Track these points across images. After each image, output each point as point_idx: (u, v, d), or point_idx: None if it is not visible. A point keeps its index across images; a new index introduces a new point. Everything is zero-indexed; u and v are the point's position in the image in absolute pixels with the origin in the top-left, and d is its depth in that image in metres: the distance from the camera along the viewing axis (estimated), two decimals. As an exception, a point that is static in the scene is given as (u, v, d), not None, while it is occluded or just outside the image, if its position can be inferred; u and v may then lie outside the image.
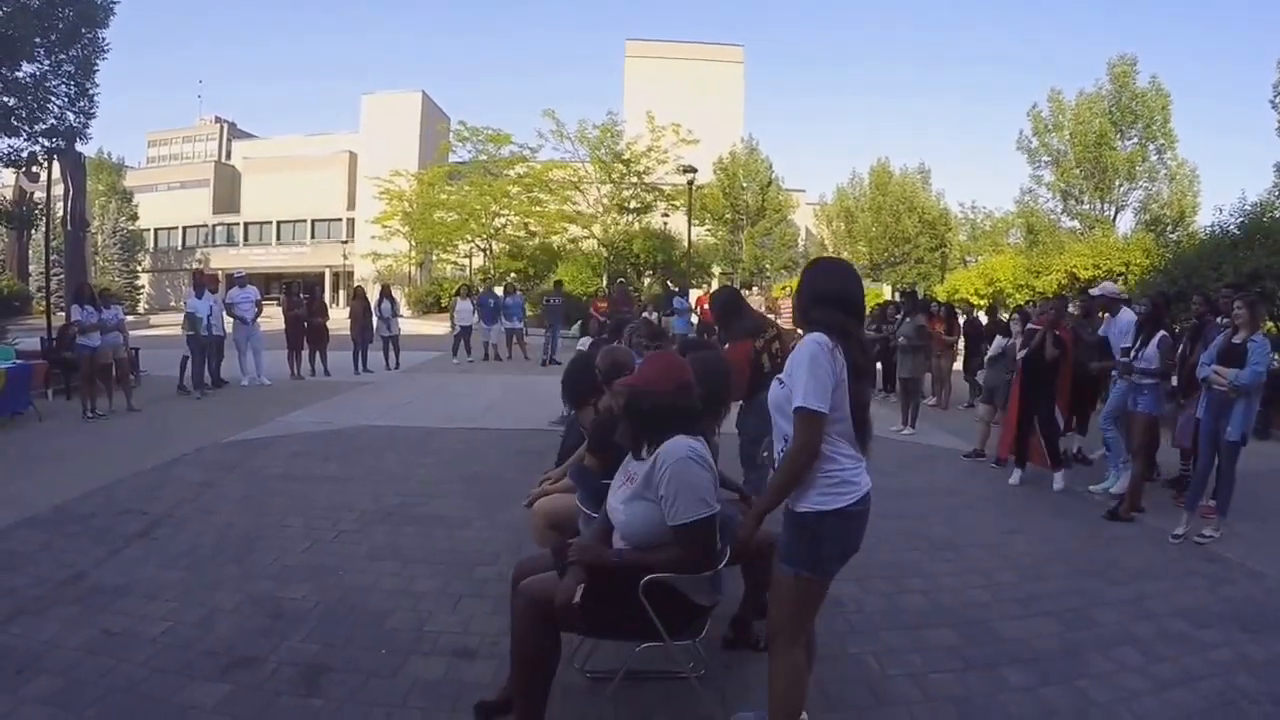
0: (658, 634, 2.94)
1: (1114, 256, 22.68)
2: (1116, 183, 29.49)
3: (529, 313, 22.11)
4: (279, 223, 57.83)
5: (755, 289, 23.60)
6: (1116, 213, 30.24)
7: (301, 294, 15.51)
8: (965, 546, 5.78)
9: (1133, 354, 7.08)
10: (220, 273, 38.42)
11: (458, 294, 19.73)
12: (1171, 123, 28.80)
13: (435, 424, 10.00)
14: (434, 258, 40.98)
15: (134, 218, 53.01)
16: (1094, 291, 8.60)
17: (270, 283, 46.20)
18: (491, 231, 35.84)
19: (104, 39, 16.19)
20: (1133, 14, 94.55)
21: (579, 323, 21.72)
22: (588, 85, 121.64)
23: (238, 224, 59.08)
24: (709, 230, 41.08)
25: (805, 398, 2.59)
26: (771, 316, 7.75)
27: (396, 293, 20.17)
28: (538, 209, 35.00)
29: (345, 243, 52.05)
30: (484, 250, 37.11)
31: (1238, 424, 5.91)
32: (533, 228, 35.88)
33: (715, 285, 35.70)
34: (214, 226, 59.34)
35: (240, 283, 14.04)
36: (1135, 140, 29.20)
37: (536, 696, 2.93)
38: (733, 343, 5.48)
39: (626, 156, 33.33)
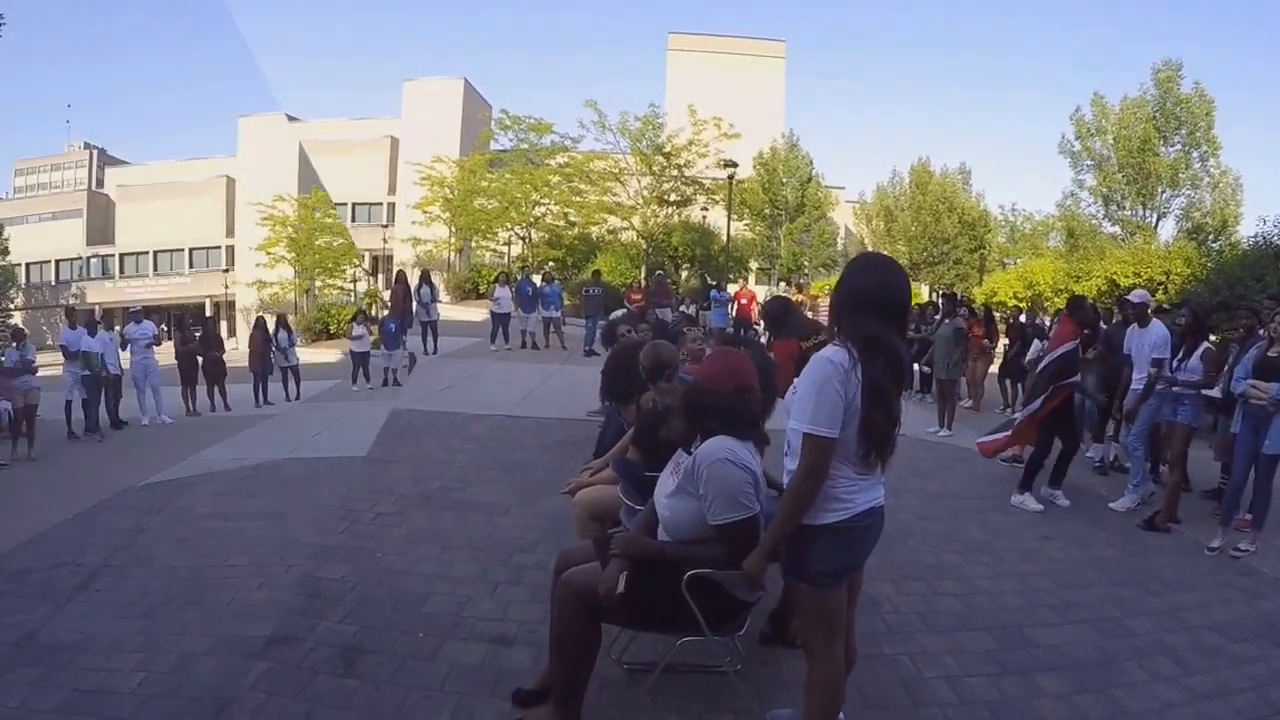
0: (699, 628, 3.01)
1: (1154, 264, 22.36)
2: (1159, 189, 29.22)
3: (566, 302, 21.81)
4: (156, 252, 55.02)
5: (785, 285, 23.16)
6: (1158, 220, 29.99)
7: (193, 327, 15.07)
8: (1001, 550, 5.89)
9: (1175, 365, 6.98)
10: (97, 307, 36.62)
11: (496, 281, 19.54)
12: (1215, 129, 28.63)
13: (354, 453, 9.68)
14: (473, 245, 40.04)
15: (4, 251, 49.41)
16: (1133, 298, 7.95)
17: (149, 315, 44.09)
18: (531, 220, 35.33)
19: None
20: (1178, 16, 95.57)
21: (621, 313, 21.52)
22: (629, 77, 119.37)
23: (113, 255, 55.82)
24: (747, 225, 40.77)
25: (813, 421, 2.53)
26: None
27: (436, 278, 19.58)
28: (578, 199, 34.54)
29: (226, 271, 50.16)
30: (523, 238, 36.49)
31: (1277, 437, 5.84)
32: (572, 218, 35.36)
33: (752, 280, 35.48)
34: (88, 259, 55.90)
35: (136, 318, 13.58)
36: (1179, 146, 29.00)
37: (576, 686, 3.02)
38: (780, 341, 5.59)
39: (667, 149, 33.15)
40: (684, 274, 33.24)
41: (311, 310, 39.50)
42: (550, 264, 31.33)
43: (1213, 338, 7.95)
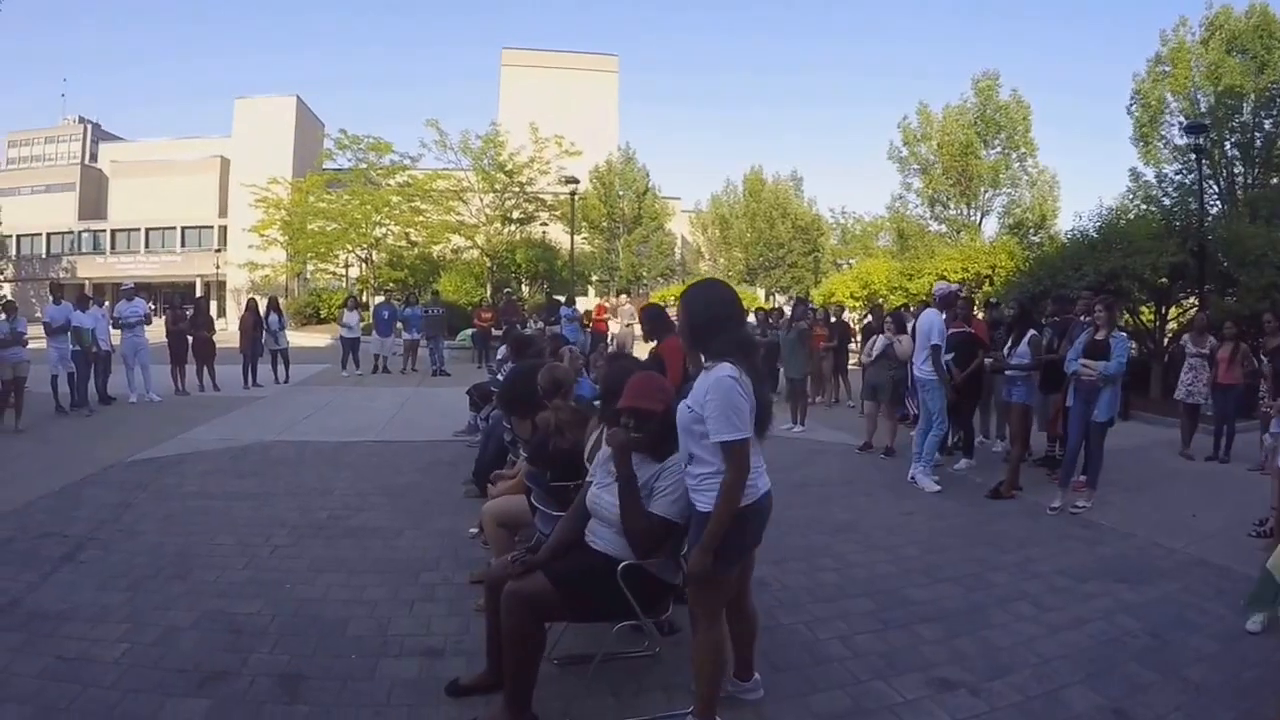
0: (633, 613, 3.24)
1: (980, 260, 23.60)
2: (982, 189, 31.11)
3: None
4: (147, 230, 54.58)
5: (625, 296, 23.55)
6: (982, 218, 31.91)
7: (184, 307, 15.05)
8: (868, 528, 6.41)
9: (1006, 351, 7.82)
10: (87, 283, 36.32)
11: (344, 305, 19.36)
12: (1032, 133, 30.63)
13: (343, 438, 9.92)
14: (310, 268, 39.70)
15: None
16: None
17: (139, 292, 43.74)
18: (372, 241, 35.11)
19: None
20: (1000, 29, 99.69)
21: (470, 332, 21.69)
22: (465, 92, 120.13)
23: (104, 230, 55.34)
24: (585, 239, 41.23)
25: (733, 431, 2.85)
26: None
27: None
28: (420, 219, 34.57)
29: (218, 251, 49.90)
30: (364, 260, 36.31)
31: (1105, 408, 6.76)
32: (414, 237, 35.36)
33: (592, 293, 37.21)
34: (80, 233, 55.40)
35: (128, 295, 13.58)
36: (999, 149, 30.89)
37: (527, 684, 3.17)
38: (667, 340, 5.86)
39: (509, 167, 33.27)
40: (526, 290, 33.57)
41: (303, 294, 39.39)
42: (391, 285, 31.88)
43: (1044, 322, 8.86)
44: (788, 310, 14.62)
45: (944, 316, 8.19)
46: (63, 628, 4.12)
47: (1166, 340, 14.56)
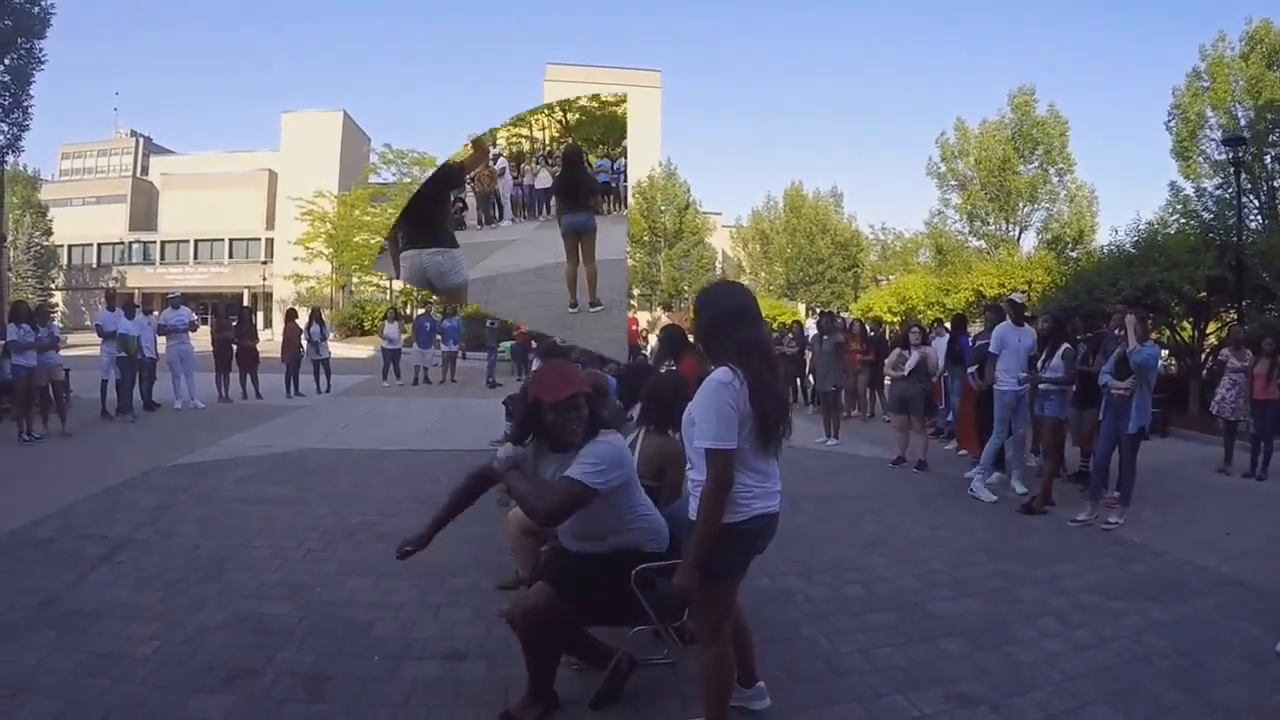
0: (648, 619, 3.26)
1: (1018, 275, 23.34)
2: (1020, 204, 30.92)
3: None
4: (196, 241, 55.82)
5: (665, 311, 23.53)
6: (1020, 233, 31.67)
7: (229, 316, 15.34)
8: (895, 542, 6.37)
9: (1039, 365, 7.74)
10: (137, 292, 37.11)
11: (385, 317, 19.66)
12: (1069, 148, 30.39)
13: (380, 446, 10.06)
14: (354, 280, 40.26)
15: (48, 233, 49.87)
16: (1017, 298, 8.82)
17: (186, 302, 44.58)
18: (416, 254, 35.33)
19: (40, 49, 15.63)
20: (1037, 44, 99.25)
21: (510, 344, 21.86)
22: (509, 108, 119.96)
23: (154, 242, 56.78)
24: (626, 253, 41.16)
25: (715, 438, 2.77)
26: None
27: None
28: (464, 232, 34.73)
29: (265, 263, 50.82)
30: (407, 272, 36.55)
31: (1134, 418, 6.79)
32: (457, 251, 35.52)
33: (633, 306, 36.40)
34: (130, 244, 56.85)
35: (174, 303, 13.91)
36: (1036, 165, 30.66)
37: (550, 666, 3.30)
38: (685, 360, 6.01)
39: (551, 181, 33.33)
40: None
41: (347, 306, 40.00)
42: (433, 298, 31.74)
43: (1078, 338, 8.66)
44: (812, 327, 14.58)
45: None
46: (96, 625, 4.24)
47: (1204, 355, 14.31)
